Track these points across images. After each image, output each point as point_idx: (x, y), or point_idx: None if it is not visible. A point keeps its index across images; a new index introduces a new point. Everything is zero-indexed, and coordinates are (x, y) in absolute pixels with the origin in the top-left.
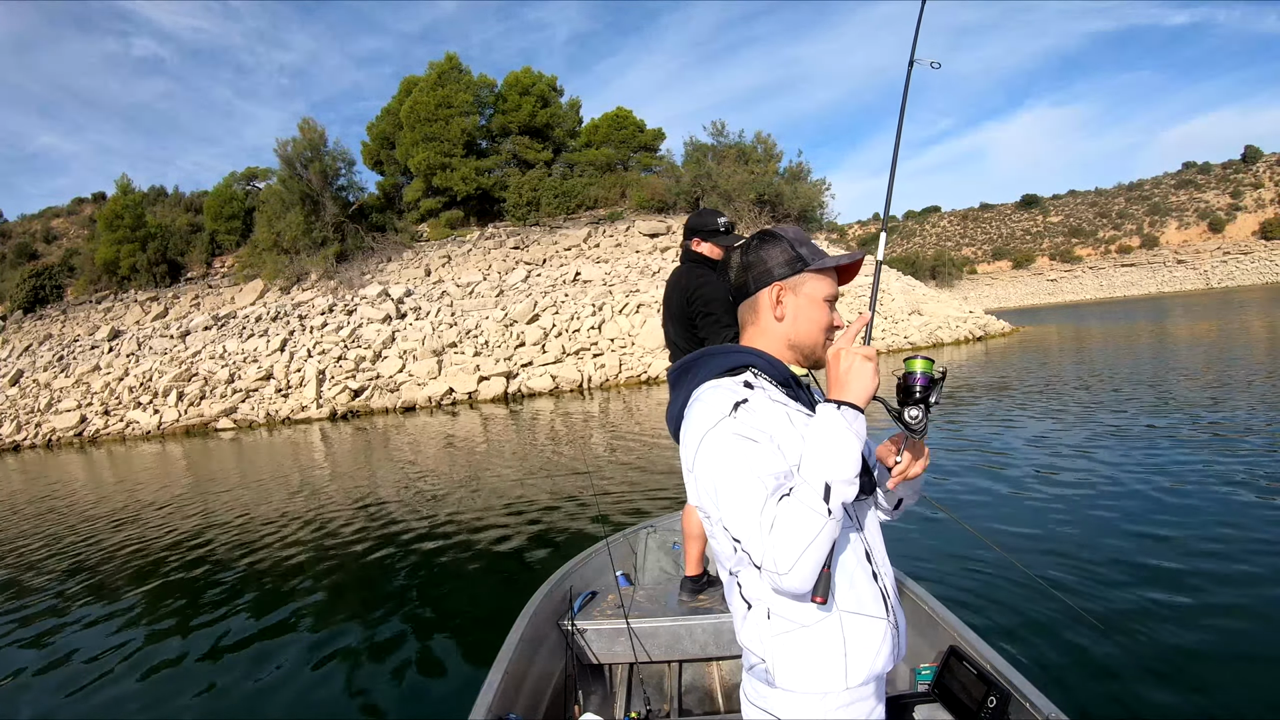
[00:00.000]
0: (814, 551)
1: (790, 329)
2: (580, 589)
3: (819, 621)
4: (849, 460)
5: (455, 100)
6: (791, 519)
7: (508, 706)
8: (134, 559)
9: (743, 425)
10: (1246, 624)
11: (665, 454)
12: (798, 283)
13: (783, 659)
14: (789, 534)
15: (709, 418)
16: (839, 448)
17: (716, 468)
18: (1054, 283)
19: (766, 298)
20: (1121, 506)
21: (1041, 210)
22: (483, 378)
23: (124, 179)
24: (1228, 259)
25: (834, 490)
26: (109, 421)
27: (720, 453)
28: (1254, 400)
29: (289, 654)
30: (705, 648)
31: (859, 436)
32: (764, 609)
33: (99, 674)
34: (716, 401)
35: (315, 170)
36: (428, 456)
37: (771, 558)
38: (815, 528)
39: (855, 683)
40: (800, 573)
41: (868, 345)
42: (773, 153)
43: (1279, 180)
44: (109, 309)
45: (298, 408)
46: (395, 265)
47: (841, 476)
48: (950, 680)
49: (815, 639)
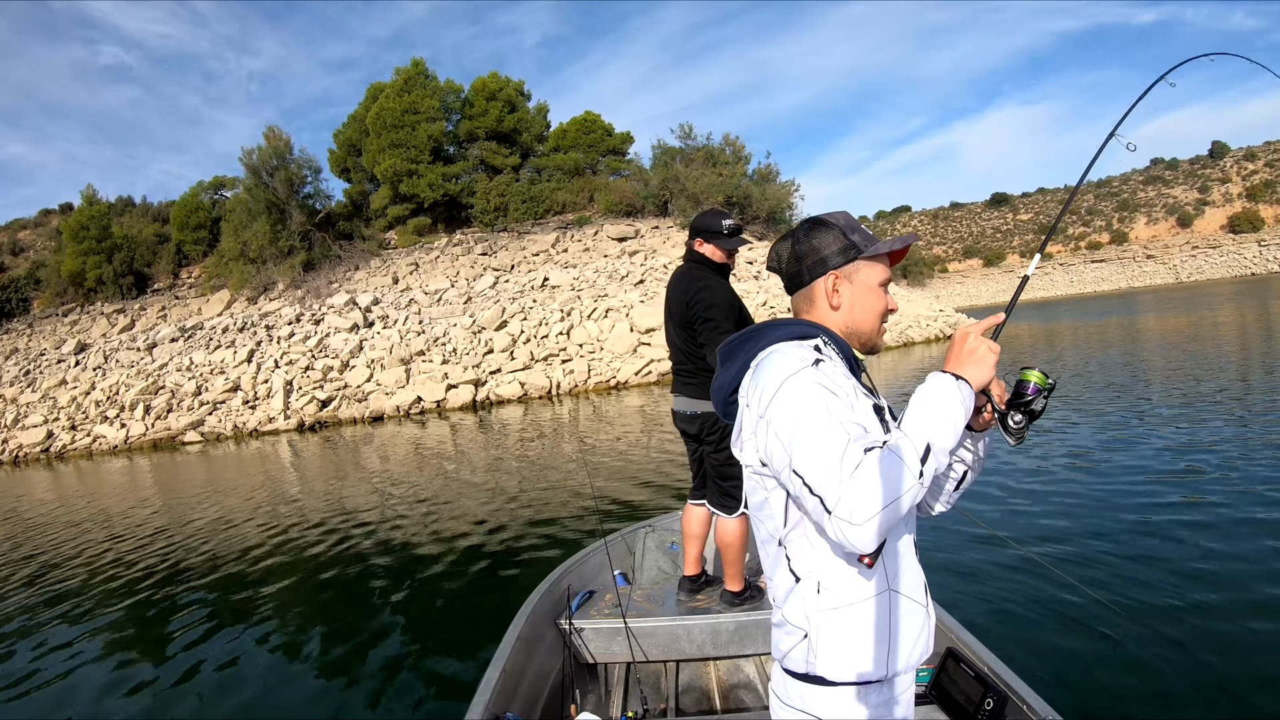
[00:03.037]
0: (894, 510)
1: (847, 316)
2: (578, 588)
3: (870, 598)
4: (954, 429)
5: (422, 106)
6: (881, 469)
7: (505, 705)
8: (105, 580)
9: (824, 377)
10: (1247, 623)
11: (652, 457)
12: (852, 270)
13: (828, 635)
14: (874, 484)
15: (790, 365)
16: (948, 414)
17: (798, 409)
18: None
19: (823, 287)
20: (1115, 503)
21: (1011, 208)
22: (451, 386)
23: (89, 189)
24: (1196, 253)
25: (933, 454)
26: (76, 437)
27: (803, 396)
28: (1231, 394)
29: (289, 654)
30: (703, 648)
31: (967, 412)
32: (814, 582)
33: (65, 698)
34: (796, 353)
35: (281, 178)
36: (409, 464)
37: (848, 505)
38: (902, 485)
39: (895, 670)
40: (872, 528)
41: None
42: (741, 154)
43: (1246, 175)
44: (75, 322)
45: (265, 419)
46: (363, 273)
47: (943, 444)
48: (947, 682)
49: (864, 617)
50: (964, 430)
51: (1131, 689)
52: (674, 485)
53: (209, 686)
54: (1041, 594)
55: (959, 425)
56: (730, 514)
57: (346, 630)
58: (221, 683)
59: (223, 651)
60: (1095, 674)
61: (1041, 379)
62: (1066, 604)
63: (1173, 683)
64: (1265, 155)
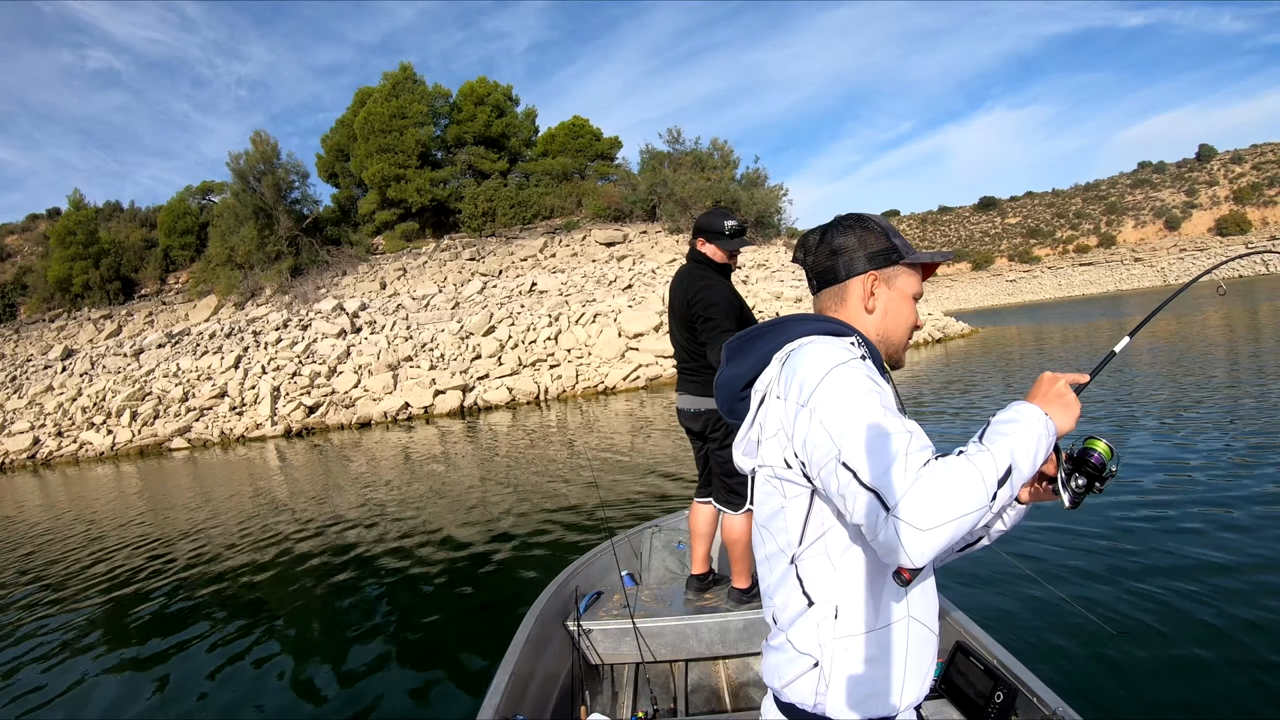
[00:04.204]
0: (960, 525)
1: (880, 322)
2: (586, 589)
3: (889, 625)
4: (1033, 461)
5: (410, 111)
6: (957, 477)
7: (514, 707)
8: (97, 589)
9: (873, 371)
10: (1254, 622)
11: (656, 457)
12: (891, 275)
13: (841, 666)
14: (945, 489)
15: (836, 355)
16: (1032, 443)
17: (850, 398)
18: (1013, 283)
19: (860, 286)
20: (1112, 502)
21: (1000, 212)
22: (439, 391)
23: (76, 194)
24: (1184, 255)
25: (1011, 479)
26: (62, 443)
27: (855, 386)
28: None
29: (300, 659)
30: (711, 646)
31: (1047, 451)
32: (831, 607)
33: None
34: (838, 343)
35: (268, 184)
36: (402, 470)
37: (913, 505)
38: (975, 501)
39: (901, 707)
40: (937, 538)
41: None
42: (729, 159)
43: (1233, 178)
44: (62, 327)
45: (252, 425)
46: (350, 279)
47: (1022, 471)
48: (957, 676)
49: (881, 645)
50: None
51: (1141, 685)
52: (679, 483)
53: (225, 687)
54: (1040, 599)
55: (1038, 460)
56: (735, 510)
57: (356, 635)
58: (233, 685)
59: (228, 654)
60: (1103, 670)
61: (1108, 451)
62: (1067, 603)
63: (1184, 680)
64: (1252, 158)
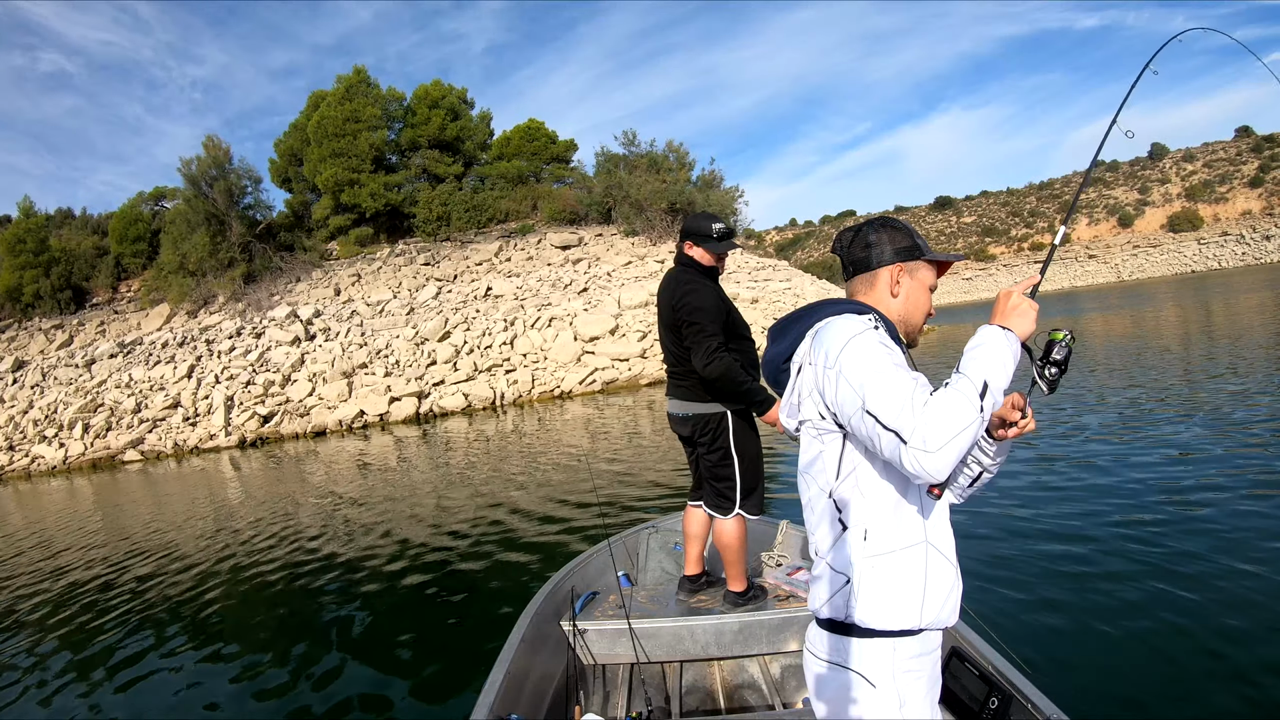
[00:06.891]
0: (961, 440)
1: (902, 306)
2: (581, 589)
3: (909, 547)
4: (1005, 371)
5: (363, 114)
6: (948, 404)
7: (510, 707)
8: (47, 605)
9: (885, 339)
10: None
11: (647, 461)
12: (914, 267)
13: (869, 581)
14: (943, 417)
15: (854, 327)
16: (999, 359)
17: (867, 358)
18: (969, 281)
19: (888, 275)
20: (1099, 504)
21: (955, 211)
22: (394, 399)
23: (26, 201)
24: (1137, 252)
25: (989, 391)
26: (14, 457)
27: (871, 350)
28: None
29: (293, 657)
30: (706, 648)
31: (1014, 358)
32: (862, 530)
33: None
34: (858, 319)
35: (220, 189)
36: (359, 478)
37: (922, 435)
38: (967, 418)
39: (924, 623)
40: (946, 455)
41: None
42: (685, 161)
43: (1185, 176)
44: (12, 338)
45: (206, 436)
46: (304, 285)
47: (996, 384)
48: (951, 681)
49: (903, 565)
50: (985, 435)
51: (1135, 691)
52: (668, 487)
53: (202, 684)
54: (1032, 602)
55: (1009, 370)
56: (726, 515)
57: (352, 636)
58: (230, 690)
59: (231, 659)
60: (1097, 675)
61: (1064, 336)
62: (1066, 603)
63: (1178, 684)
64: (1204, 156)
